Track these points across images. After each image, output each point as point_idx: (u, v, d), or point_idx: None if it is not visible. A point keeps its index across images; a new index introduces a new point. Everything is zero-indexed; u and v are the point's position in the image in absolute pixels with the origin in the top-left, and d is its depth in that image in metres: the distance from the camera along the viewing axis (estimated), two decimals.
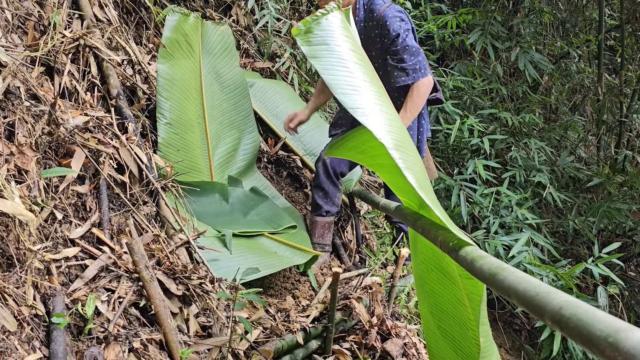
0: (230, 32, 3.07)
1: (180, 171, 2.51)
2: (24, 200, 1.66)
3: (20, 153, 1.74)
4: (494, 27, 4.97)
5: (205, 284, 1.95)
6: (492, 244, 3.73)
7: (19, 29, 2.25)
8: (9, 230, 1.58)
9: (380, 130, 1.30)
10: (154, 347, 1.66)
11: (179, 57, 2.73)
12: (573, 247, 5.01)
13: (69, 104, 2.18)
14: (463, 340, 1.58)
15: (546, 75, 5.72)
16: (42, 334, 1.50)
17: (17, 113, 1.84)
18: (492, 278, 1.00)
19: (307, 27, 1.46)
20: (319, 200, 2.73)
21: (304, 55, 3.78)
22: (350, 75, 1.41)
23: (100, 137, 2.09)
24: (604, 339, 0.65)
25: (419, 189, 1.28)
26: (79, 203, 1.93)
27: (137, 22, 3.04)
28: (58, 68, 2.23)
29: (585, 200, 4.96)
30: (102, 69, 2.45)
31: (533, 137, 4.86)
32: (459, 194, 4.16)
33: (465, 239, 1.24)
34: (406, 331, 2.38)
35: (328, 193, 2.72)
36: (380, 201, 2.34)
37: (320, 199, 2.73)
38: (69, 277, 1.72)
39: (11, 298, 1.48)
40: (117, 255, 1.85)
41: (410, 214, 1.65)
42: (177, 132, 2.61)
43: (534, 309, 0.83)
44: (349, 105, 1.35)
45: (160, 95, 2.58)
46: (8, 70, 1.89)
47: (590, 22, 6.23)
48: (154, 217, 2.16)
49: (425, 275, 1.69)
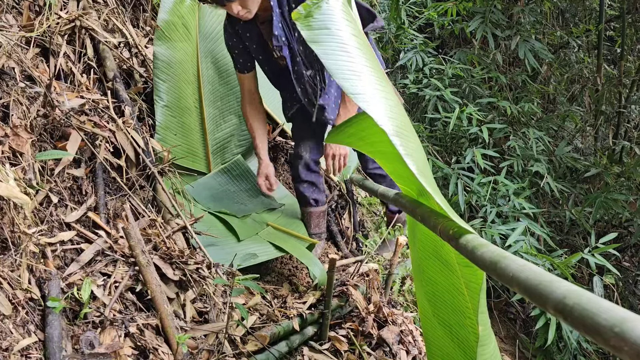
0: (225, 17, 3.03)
1: (178, 155, 2.50)
2: (19, 183, 1.64)
3: (15, 135, 1.71)
4: (494, 15, 4.93)
5: (202, 270, 1.94)
6: (489, 233, 3.73)
7: (14, 9, 2.21)
8: (4, 213, 1.56)
9: (381, 116, 1.28)
10: (150, 332, 1.65)
11: (175, 40, 2.70)
12: (569, 237, 5.02)
13: (64, 86, 2.15)
14: (460, 329, 1.58)
15: (545, 65, 5.70)
16: (38, 318, 1.49)
17: (12, 94, 1.81)
18: (493, 266, 0.99)
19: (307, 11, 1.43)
20: (307, 192, 2.68)
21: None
22: (351, 60, 1.39)
23: (96, 120, 2.06)
24: (609, 328, 0.64)
25: (420, 176, 1.26)
26: (75, 186, 1.91)
27: (134, 4, 2.99)
28: (53, 49, 2.19)
29: (583, 190, 4.96)
30: (99, 51, 2.41)
31: (531, 127, 4.85)
32: (456, 183, 4.15)
33: (465, 227, 1.23)
34: (403, 318, 2.38)
35: (314, 183, 2.68)
36: (378, 189, 2.33)
37: (307, 190, 2.68)
38: (64, 260, 1.70)
39: (6, 281, 1.47)
40: (113, 239, 1.83)
41: (410, 202, 1.64)
42: (174, 115, 2.59)
43: (536, 297, 0.82)
44: (349, 90, 1.33)
45: (158, 77, 2.55)
46: (2, 50, 1.85)
47: (590, 12, 6.19)
48: (150, 202, 2.14)
49: (423, 263, 1.68)
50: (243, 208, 2.64)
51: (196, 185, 2.61)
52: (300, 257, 2.33)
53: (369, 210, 3.69)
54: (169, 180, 2.28)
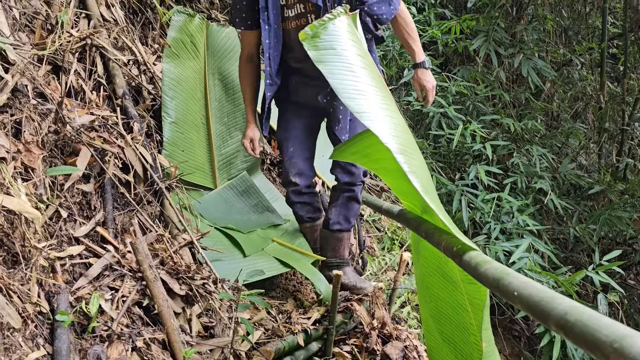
0: (235, 34, 3.08)
1: (185, 171, 2.53)
2: (30, 198, 1.67)
3: (27, 151, 1.75)
4: (498, 33, 4.99)
5: (208, 285, 1.96)
6: (492, 249, 3.74)
7: (27, 27, 2.27)
8: (15, 228, 1.59)
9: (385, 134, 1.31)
10: (156, 346, 1.67)
11: (184, 58, 2.75)
12: (573, 254, 5.01)
13: (75, 103, 2.19)
14: (464, 345, 1.59)
15: (549, 82, 5.74)
16: (46, 332, 1.51)
17: (24, 111, 1.85)
18: (496, 283, 1.01)
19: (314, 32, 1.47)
20: (301, 212, 2.62)
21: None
22: (357, 79, 1.42)
23: (105, 137, 2.10)
24: (609, 344, 0.66)
25: (424, 194, 1.29)
26: (84, 202, 1.94)
27: (143, 22, 3.05)
28: (65, 67, 2.24)
29: (586, 207, 4.97)
30: (108, 69, 2.46)
31: (535, 144, 4.87)
32: (460, 199, 4.17)
33: (469, 244, 1.25)
34: (407, 334, 2.39)
35: (308, 203, 2.61)
36: (382, 205, 2.35)
37: (301, 210, 2.61)
38: (73, 275, 1.73)
39: (16, 295, 1.49)
40: (121, 254, 1.85)
41: (414, 218, 1.66)
42: (181, 132, 2.63)
43: (538, 314, 0.84)
44: (355, 109, 1.36)
45: (166, 94, 2.60)
46: (16, 68, 1.90)
47: (593, 30, 6.25)
48: (157, 217, 2.17)
49: (427, 279, 1.70)
50: (248, 223, 2.66)
51: (203, 201, 2.64)
52: (305, 273, 2.34)
53: (372, 225, 3.71)
54: (176, 195, 2.31)
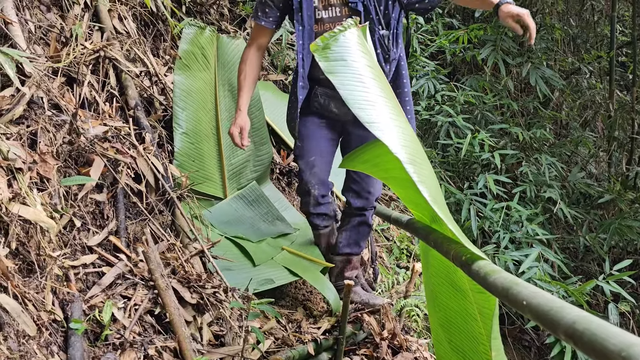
0: (244, 46, 3.12)
1: (196, 181, 2.56)
2: (45, 208, 1.70)
3: (42, 161, 1.78)
4: (505, 42, 5.00)
5: (219, 293, 1.98)
6: (502, 259, 3.73)
7: (42, 40, 2.32)
8: (30, 237, 1.62)
9: (395, 144, 1.33)
10: (168, 354, 1.68)
11: (195, 69, 2.79)
12: (583, 264, 4.98)
13: (89, 114, 2.23)
14: (474, 355, 1.59)
15: (557, 91, 5.74)
16: (60, 339, 1.53)
17: (40, 122, 1.89)
18: (505, 292, 1.02)
19: (325, 44, 1.49)
20: (317, 221, 2.54)
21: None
22: (367, 90, 1.44)
23: (118, 147, 2.13)
24: (617, 353, 0.67)
25: (433, 203, 1.30)
26: (97, 211, 1.97)
27: (155, 34, 3.10)
28: (79, 79, 2.28)
29: (596, 216, 4.94)
30: (121, 80, 2.50)
31: (544, 153, 4.86)
32: (469, 208, 4.16)
33: (478, 253, 1.26)
34: (417, 345, 2.39)
35: (325, 213, 2.53)
36: (391, 214, 2.36)
37: (316, 219, 2.52)
38: (86, 283, 1.75)
39: (31, 303, 1.52)
40: (133, 263, 1.88)
41: (423, 228, 1.67)
42: (192, 142, 2.66)
43: (547, 323, 0.85)
44: (365, 119, 1.38)
45: (177, 105, 2.64)
46: (32, 80, 1.94)
47: (601, 39, 6.25)
48: (169, 226, 2.20)
49: (436, 289, 1.70)
50: (258, 233, 2.68)
51: (213, 210, 2.66)
52: (313, 283, 2.35)
53: (381, 235, 3.71)
54: (187, 205, 2.34)
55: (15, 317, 1.43)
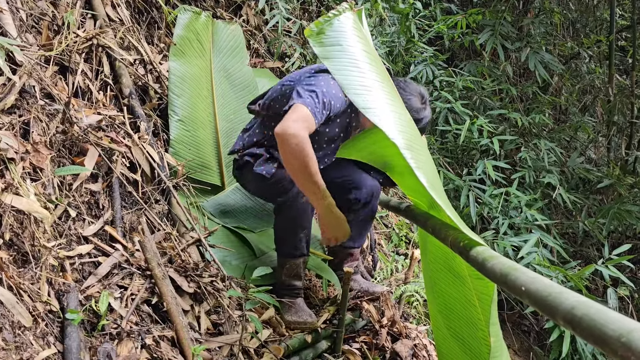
0: (240, 31, 3.08)
1: (192, 169, 2.54)
2: (39, 198, 1.68)
3: (35, 151, 1.76)
4: (504, 27, 4.95)
5: (216, 282, 1.97)
6: (501, 244, 3.72)
7: (33, 28, 2.28)
8: (24, 228, 1.60)
9: (392, 130, 1.31)
10: (165, 343, 1.68)
11: (190, 55, 2.75)
12: (583, 249, 4.98)
13: (82, 103, 2.20)
14: (473, 341, 1.59)
15: (556, 76, 5.70)
16: (57, 330, 1.52)
17: (32, 112, 1.87)
18: (503, 278, 1.01)
19: (319, 28, 1.47)
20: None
21: (314, 55, 3.80)
22: (362, 75, 1.42)
23: (113, 136, 2.11)
24: (616, 338, 0.66)
25: (431, 189, 1.28)
26: (92, 201, 1.95)
27: (149, 21, 3.06)
28: (72, 67, 2.25)
29: (595, 201, 4.93)
30: (115, 69, 2.47)
31: (543, 138, 4.84)
32: (468, 195, 4.15)
33: (476, 239, 1.25)
34: (417, 332, 2.39)
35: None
36: (390, 201, 2.35)
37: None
38: (82, 274, 1.74)
39: (26, 294, 1.51)
40: (129, 252, 1.87)
41: (421, 214, 1.66)
42: (188, 130, 2.63)
43: (546, 308, 0.84)
44: (360, 105, 1.36)
45: (172, 92, 2.61)
46: (23, 69, 1.91)
47: (601, 23, 6.20)
48: (165, 215, 2.18)
49: (435, 276, 1.70)
50: (260, 223, 2.66)
51: (213, 202, 2.64)
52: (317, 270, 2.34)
53: (380, 222, 3.70)
54: (184, 194, 2.32)
55: (10, 308, 1.42)
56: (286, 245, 2.18)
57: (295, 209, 2.12)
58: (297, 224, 2.14)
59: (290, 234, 2.16)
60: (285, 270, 2.19)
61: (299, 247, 2.17)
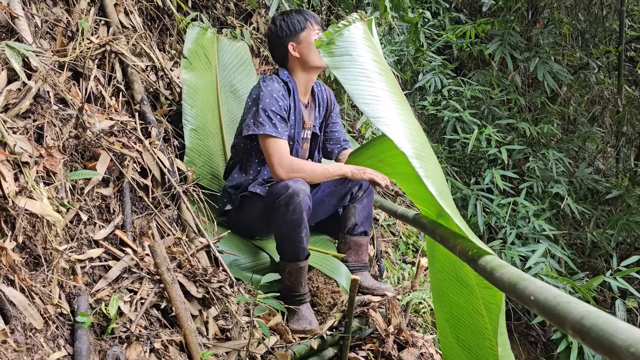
0: (246, 48, 3.12)
1: (203, 176, 2.56)
2: (52, 202, 1.70)
3: (48, 155, 1.79)
4: (513, 37, 4.97)
5: (224, 288, 1.98)
6: (508, 254, 3.72)
7: (48, 34, 2.32)
8: (37, 231, 1.63)
9: (401, 139, 1.32)
10: (174, 348, 1.69)
11: (199, 69, 2.79)
12: (591, 260, 4.96)
13: (95, 109, 2.23)
14: (480, 350, 1.59)
15: (565, 86, 5.70)
16: (67, 333, 1.54)
17: (46, 117, 1.90)
18: (512, 287, 1.01)
19: (329, 39, 1.48)
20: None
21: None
22: (372, 85, 1.43)
23: (124, 141, 2.13)
24: (625, 349, 0.66)
25: (439, 198, 1.29)
26: (103, 205, 1.97)
27: (161, 28, 3.10)
28: (85, 73, 2.28)
29: (604, 212, 4.91)
30: (127, 75, 2.50)
31: (551, 148, 4.83)
32: (475, 204, 4.15)
33: (484, 248, 1.25)
34: (423, 341, 2.38)
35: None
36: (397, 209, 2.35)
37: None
38: (92, 277, 1.76)
39: (38, 296, 1.52)
40: (139, 257, 1.88)
41: (429, 223, 1.66)
42: (201, 139, 2.67)
43: (554, 318, 0.84)
44: (370, 114, 1.37)
45: (186, 102, 2.63)
46: (38, 74, 1.94)
47: (610, 33, 6.19)
48: (175, 220, 2.20)
49: (442, 284, 1.70)
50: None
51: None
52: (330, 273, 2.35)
53: (387, 230, 3.71)
54: (193, 199, 2.34)
55: (22, 310, 1.44)
56: (286, 247, 2.23)
57: (292, 210, 2.16)
58: (296, 224, 2.17)
59: (288, 236, 2.21)
60: (287, 274, 2.23)
61: (299, 247, 2.21)
